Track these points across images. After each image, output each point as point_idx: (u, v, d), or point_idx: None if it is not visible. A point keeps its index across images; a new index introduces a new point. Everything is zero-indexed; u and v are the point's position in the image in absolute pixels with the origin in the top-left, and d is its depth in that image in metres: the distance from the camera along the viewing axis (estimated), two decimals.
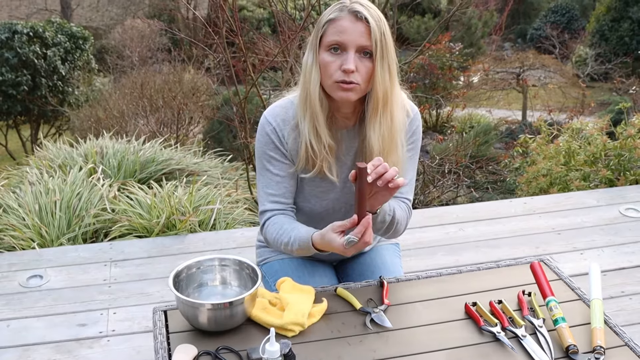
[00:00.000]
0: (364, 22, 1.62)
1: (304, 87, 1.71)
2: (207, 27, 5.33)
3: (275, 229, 1.80)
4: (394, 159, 1.75)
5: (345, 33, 1.62)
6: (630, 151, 4.25)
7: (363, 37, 1.62)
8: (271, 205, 1.81)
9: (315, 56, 1.68)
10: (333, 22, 1.64)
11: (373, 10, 1.65)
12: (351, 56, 1.62)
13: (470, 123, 10.44)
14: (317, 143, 1.72)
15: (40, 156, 4.77)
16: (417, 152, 1.89)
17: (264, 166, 1.81)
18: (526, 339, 1.55)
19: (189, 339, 1.56)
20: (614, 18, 14.72)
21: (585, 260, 3.12)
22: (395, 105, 1.72)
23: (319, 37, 1.67)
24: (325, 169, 1.76)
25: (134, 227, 3.50)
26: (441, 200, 6.31)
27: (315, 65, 1.68)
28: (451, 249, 3.25)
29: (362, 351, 1.53)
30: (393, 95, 1.70)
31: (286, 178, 1.81)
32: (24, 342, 2.55)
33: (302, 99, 1.72)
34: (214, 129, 7.97)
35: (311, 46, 1.70)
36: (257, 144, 1.81)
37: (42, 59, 10.54)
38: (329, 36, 1.64)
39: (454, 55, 10.44)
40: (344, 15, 1.63)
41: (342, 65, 1.63)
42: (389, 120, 1.71)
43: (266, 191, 1.81)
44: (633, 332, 2.09)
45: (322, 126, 1.71)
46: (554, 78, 13.52)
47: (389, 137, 1.72)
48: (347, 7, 1.64)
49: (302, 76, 1.73)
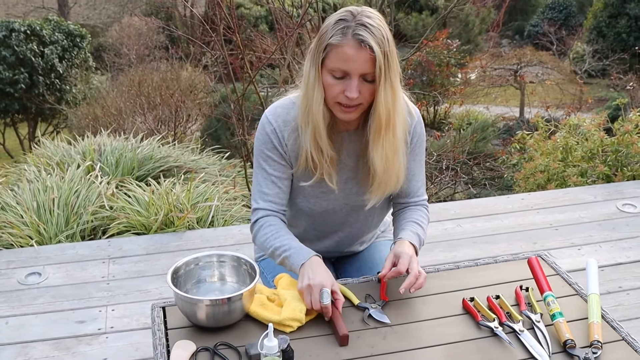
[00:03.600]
0: (368, 50, 1.56)
1: (306, 100, 1.68)
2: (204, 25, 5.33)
3: (270, 230, 1.79)
4: (397, 171, 1.75)
5: (349, 62, 1.57)
6: (628, 147, 4.26)
7: (367, 64, 1.57)
8: (264, 204, 1.81)
9: (318, 74, 1.63)
10: (336, 48, 1.58)
11: (377, 30, 1.58)
12: (354, 84, 1.59)
13: (467, 120, 10.45)
14: (317, 154, 1.71)
15: (38, 154, 4.77)
16: (423, 152, 1.90)
17: (260, 165, 1.80)
18: (524, 333, 1.55)
19: (188, 335, 1.56)
20: (612, 14, 14.73)
21: (582, 256, 3.13)
22: (397, 122, 1.69)
23: (321, 57, 1.62)
24: (325, 177, 1.76)
25: (132, 224, 3.50)
26: (439, 197, 6.33)
27: (317, 84, 1.64)
28: (449, 245, 3.26)
29: (360, 346, 1.53)
30: (396, 113, 1.67)
31: (281, 179, 1.80)
32: (22, 339, 2.55)
33: (303, 110, 1.69)
34: (212, 126, 7.98)
35: (313, 61, 1.64)
36: (256, 141, 1.80)
37: (39, 57, 10.52)
38: (332, 62, 1.60)
39: (451, 52, 10.44)
40: (348, 42, 1.57)
41: (345, 91, 1.60)
42: (391, 138, 1.69)
43: (260, 189, 1.81)
44: (630, 327, 2.09)
45: (324, 139, 1.69)
46: (551, 75, 13.53)
47: (392, 156, 1.72)
48: (350, 29, 1.57)
49: (304, 85, 1.68)
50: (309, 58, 1.66)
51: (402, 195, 1.90)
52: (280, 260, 1.76)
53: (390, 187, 1.78)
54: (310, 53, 1.66)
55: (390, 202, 1.96)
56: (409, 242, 1.76)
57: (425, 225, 1.89)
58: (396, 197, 1.93)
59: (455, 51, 10.55)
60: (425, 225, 1.90)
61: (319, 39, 1.63)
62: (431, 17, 14.97)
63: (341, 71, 1.59)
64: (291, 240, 1.77)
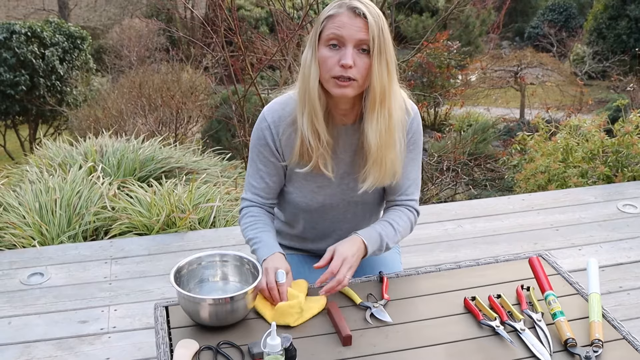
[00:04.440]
0: (362, 18, 1.64)
1: (303, 83, 1.73)
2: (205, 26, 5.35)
3: (250, 220, 1.88)
4: (392, 156, 1.77)
5: (344, 28, 1.64)
6: (628, 148, 4.26)
7: (361, 32, 1.64)
8: (251, 195, 1.90)
9: (314, 52, 1.69)
10: (332, 18, 1.67)
11: (372, 7, 1.67)
12: (349, 51, 1.64)
13: (468, 121, 10.47)
14: (314, 138, 1.73)
15: (40, 155, 4.78)
16: (420, 151, 1.91)
17: (253, 158, 1.87)
18: (525, 332, 1.56)
19: (191, 334, 1.57)
20: (612, 16, 14.74)
21: (583, 256, 3.13)
22: (393, 101, 1.73)
23: (318, 32, 1.69)
24: (320, 164, 1.77)
25: (134, 225, 3.51)
26: (439, 198, 6.34)
27: (314, 61, 1.69)
28: (450, 246, 3.27)
29: (362, 345, 1.54)
30: (391, 91, 1.71)
31: (270, 175, 1.86)
32: (25, 339, 2.56)
33: (300, 95, 1.74)
34: (213, 127, 7.98)
35: (310, 43, 1.72)
36: (252, 135, 1.87)
37: (40, 59, 10.54)
38: (327, 30, 1.67)
39: (451, 53, 10.46)
40: (343, 11, 1.66)
41: (340, 61, 1.65)
42: (386, 116, 1.72)
43: (249, 181, 1.90)
44: (631, 327, 2.10)
45: (320, 122, 1.73)
46: (551, 76, 13.54)
47: (386, 133, 1.73)
48: (346, 3, 1.67)
49: (301, 72, 1.75)
50: (308, 43, 1.73)
51: (392, 191, 1.91)
52: (251, 251, 1.85)
53: (385, 173, 1.78)
54: (309, 39, 1.72)
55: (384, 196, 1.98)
56: (361, 239, 1.78)
57: (399, 227, 1.87)
58: (387, 194, 1.94)
59: (455, 53, 10.58)
60: (401, 227, 1.88)
61: (316, 21, 1.72)
62: (431, 18, 14.99)
63: (336, 37, 1.65)
64: (264, 232, 1.85)
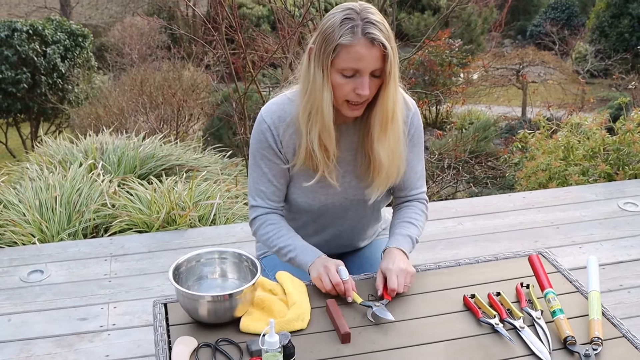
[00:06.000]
0: (381, 48, 1.58)
1: (313, 102, 1.67)
2: (206, 24, 5.34)
3: (272, 229, 1.84)
4: (398, 163, 1.78)
5: (362, 60, 1.59)
6: (629, 146, 4.25)
7: (378, 61, 1.60)
8: (262, 202, 1.85)
9: (326, 76, 1.63)
10: (347, 48, 1.58)
11: (381, 24, 1.60)
12: (366, 81, 1.61)
13: (469, 119, 10.46)
14: (322, 154, 1.72)
15: (41, 152, 4.77)
16: (422, 143, 1.91)
17: (256, 162, 1.82)
18: (524, 330, 1.56)
19: (189, 331, 1.57)
20: (614, 14, 14.71)
21: (583, 254, 3.13)
22: (399, 112, 1.72)
23: (330, 58, 1.61)
24: (326, 174, 1.77)
25: (134, 222, 3.50)
26: (440, 195, 6.33)
27: (326, 84, 1.64)
28: (450, 243, 3.26)
29: (361, 343, 1.54)
30: (397, 104, 1.70)
31: (277, 178, 1.83)
32: (24, 336, 2.56)
33: (308, 110, 1.69)
34: (214, 125, 7.98)
35: (318, 63, 1.63)
36: (252, 139, 1.83)
37: (41, 56, 10.53)
38: (343, 62, 1.60)
39: (453, 51, 10.44)
40: (359, 42, 1.58)
41: (356, 89, 1.62)
42: (395, 130, 1.72)
43: (257, 187, 1.84)
44: (631, 325, 2.09)
45: (332, 139, 1.71)
46: (553, 74, 13.52)
47: (396, 149, 1.75)
48: (359, 27, 1.58)
49: (310, 90, 1.67)
50: (314, 60, 1.65)
51: (401, 187, 1.92)
52: (286, 259, 1.82)
53: (392, 179, 1.81)
54: (315, 55, 1.64)
55: (389, 193, 1.97)
56: (396, 248, 1.80)
57: (419, 222, 1.93)
58: (396, 191, 1.95)
59: (457, 51, 10.56)
60: (421, 222, 1.93)
61: (324, 40, 1.62)
62: (433, 16, 14.97)
63: (353, 70, 1.61)
64: (294, 239, 1.82)
